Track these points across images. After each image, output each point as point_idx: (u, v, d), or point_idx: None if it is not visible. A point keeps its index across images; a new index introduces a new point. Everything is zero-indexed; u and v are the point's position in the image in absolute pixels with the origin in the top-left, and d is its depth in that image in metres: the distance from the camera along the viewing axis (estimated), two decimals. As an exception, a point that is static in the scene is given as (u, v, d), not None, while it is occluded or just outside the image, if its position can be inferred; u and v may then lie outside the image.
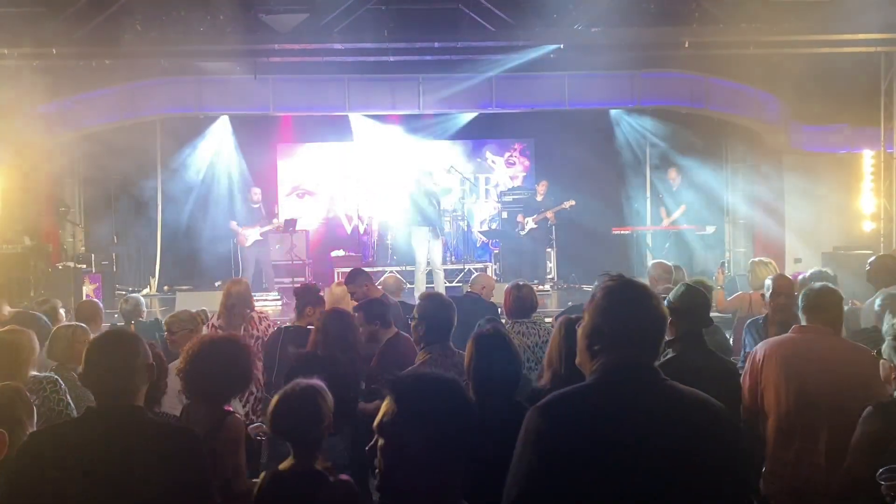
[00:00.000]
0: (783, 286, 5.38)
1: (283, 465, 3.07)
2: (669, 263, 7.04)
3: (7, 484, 2.41)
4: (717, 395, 3.42)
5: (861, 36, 10.67)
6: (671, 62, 12.26)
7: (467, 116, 14.04)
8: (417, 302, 4.47)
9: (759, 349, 4.13)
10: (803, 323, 4.15)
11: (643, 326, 2.26)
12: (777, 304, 5.31)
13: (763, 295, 5.55)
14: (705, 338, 4.08)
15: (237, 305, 6.20)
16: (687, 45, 10.88)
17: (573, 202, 12.54)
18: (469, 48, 10.61)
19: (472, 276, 7.94)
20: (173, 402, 4.36)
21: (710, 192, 13.98)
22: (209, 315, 6.01)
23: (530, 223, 12.61)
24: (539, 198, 12.89)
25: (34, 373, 4.24)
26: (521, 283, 6.01)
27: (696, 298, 4.04)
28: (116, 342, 2.88)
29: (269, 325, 6.30)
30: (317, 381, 3.21)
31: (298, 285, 6.80)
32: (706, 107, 12.88)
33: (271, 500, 3.01)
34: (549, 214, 12.52)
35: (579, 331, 2.35)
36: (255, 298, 11.56)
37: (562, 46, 10.32)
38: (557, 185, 13.37)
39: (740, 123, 13.38)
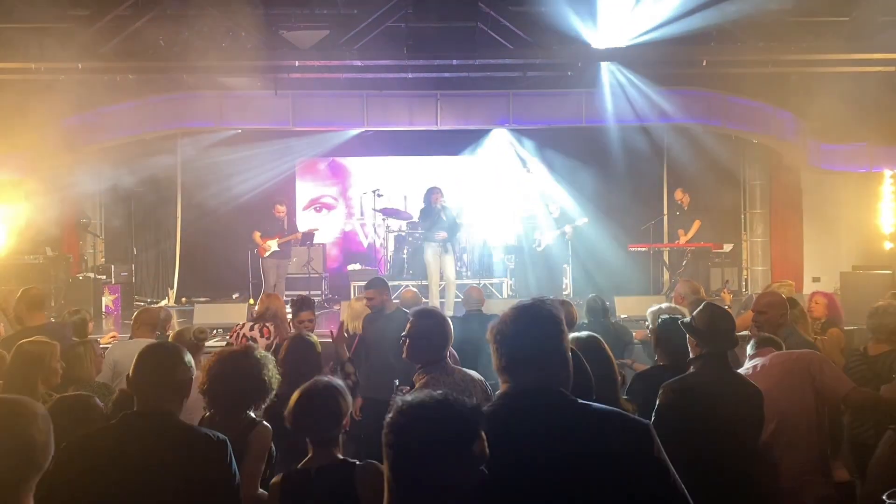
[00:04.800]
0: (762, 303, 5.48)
1: (303, 464, 3.14)
2: (696, 283, 7.07)
3: (46, 485, 2.50)
4: (736, 416, 3.59)
5: (880, 55, 10.64)
6: (689, 80, 12.28)
7: (484, 132, 14.13)
8: (410, 318, 4.17)
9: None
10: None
11: (536, 351, 2.24)
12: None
13: None
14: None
15: (274, 318, 6.44)
16: (705, 64, 10.89)
17: (586, 219, 12.55)
18: (487, 65, 10.66)
19: (466, 294, 7.93)
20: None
21: (727, 210, 13.95)
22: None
23: (546, 239, 12.61)
24: (555, 214, 12.90)
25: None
26: (560, 299, 6.06)
27: (718, 318, 3.91)
28: (163, 354, 3.09)
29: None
30: (336, 380, 3.34)
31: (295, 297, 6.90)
32: (724, 124, 12.83)
33: (300, 494, 3.06)
34: (568, 229, 12.50)
35: None
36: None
37: (579, 64, 10.36)
38: (574, 201, 13.40)
39: (758, 141, 13.33)
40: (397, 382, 5.58)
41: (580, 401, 2.24)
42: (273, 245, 12.41)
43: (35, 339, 4.60)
